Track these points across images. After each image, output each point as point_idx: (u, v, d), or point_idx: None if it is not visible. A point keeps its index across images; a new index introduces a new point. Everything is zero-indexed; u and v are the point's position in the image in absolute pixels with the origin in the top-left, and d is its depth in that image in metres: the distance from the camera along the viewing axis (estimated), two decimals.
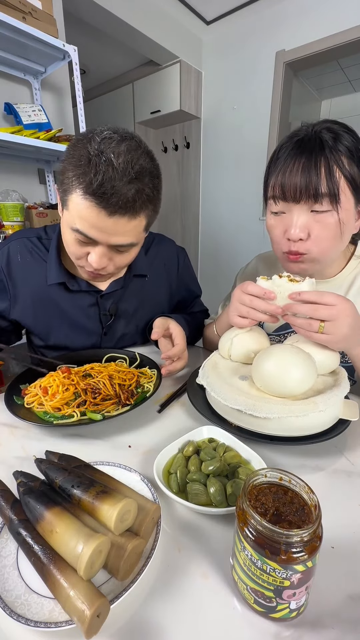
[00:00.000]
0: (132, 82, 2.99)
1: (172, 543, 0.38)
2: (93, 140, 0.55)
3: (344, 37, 2.08)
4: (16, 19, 1.36)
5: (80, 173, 0.55)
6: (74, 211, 0.58)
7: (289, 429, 0.50)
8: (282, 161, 0.59)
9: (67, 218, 0.61)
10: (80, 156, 0.55)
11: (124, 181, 0.55)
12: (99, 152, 0.54)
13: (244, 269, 0.93)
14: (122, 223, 0.58)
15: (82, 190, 0.55)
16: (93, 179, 0.54)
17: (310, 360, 0.52)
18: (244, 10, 2.43)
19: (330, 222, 0.58)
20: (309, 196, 0.56)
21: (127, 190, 0.55)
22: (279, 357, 0.52)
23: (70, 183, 0.56)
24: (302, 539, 0.27)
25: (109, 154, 0.54)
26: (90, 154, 0.54)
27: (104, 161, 0.54)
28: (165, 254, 0.92)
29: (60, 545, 0.31)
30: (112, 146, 0.55)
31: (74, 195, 0.57)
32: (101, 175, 0.53)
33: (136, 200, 0.57)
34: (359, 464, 0.49)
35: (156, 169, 0.62)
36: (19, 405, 0.60)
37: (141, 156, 0.57)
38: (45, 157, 1.84)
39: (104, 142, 0.55)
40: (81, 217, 0.58)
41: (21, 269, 0.76)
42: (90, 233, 0.59)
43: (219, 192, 2.98)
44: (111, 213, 0.56)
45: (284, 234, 0.62)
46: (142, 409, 0.61)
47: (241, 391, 0.54)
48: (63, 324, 0.80)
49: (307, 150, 0.56)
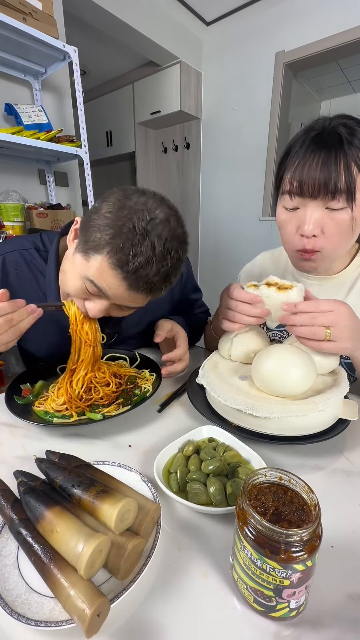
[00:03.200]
0: (132, 82, 2.99)
1: (172, 542, 0.38)
2: (143, 214, 0.52)
3: (343, 38, 2.09)
4: (16, 20, 1.36)
5: (117, 243, 0.52)
6: (96, 269, 0.55)
7: (288, 429, 0.50)
8: (300, 155, 0.57)
9: (82, 266, 0.57)
10: (122, 225, 0.52)
11: (159, 271, 0.54)
12: (144, 232, 0.51)
13: (250, 265, 0.92)
14: (141, 298, 0.58)
15: (113, 263, 0.52)
16: (130, 261, 0.51)
17: (310, 360, 0.52)
18: (244, 10, 2.44)
19: (345, 219, 0.57)
20: (327, 192, 0.55)
21: (159, 279, 0.55)
22: (278, 357, 0.53)
23: (102, 245, 0.53)
24: (301, 539, 0.27)
25: (153, 237, 0.52)
26: (135, 230, 0.51)
27: (147, 244, 0.52)
28: None
29: (60, 544, 0.31)
30: (158, 228, 0.53)
31: (101, 257, 0.53)
32: (141, 259, 0.51)
33: (162, 288, 0.57)
34: (358, 463, 0.49)
35: (186, 251, 0.59)
36: (19, 405, 0.60)
37: (180, 242, 0.56)
38: (45, 157, 1.84)
39: (151, 223, 0.52)
40: (102, 277, 0.55)
41: (18, 283, 0.73)
42: (106, 293, 0.56)
43: (219, 193, 2.98)
44: (135, 290, 0.55)
45: (297, 230, 0.61)
46: (142, 409, 0.61)
47: (241, 391, 0.54)
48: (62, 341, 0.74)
49: (326, 145, 0.55)
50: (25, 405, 0.61)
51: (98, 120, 3.42)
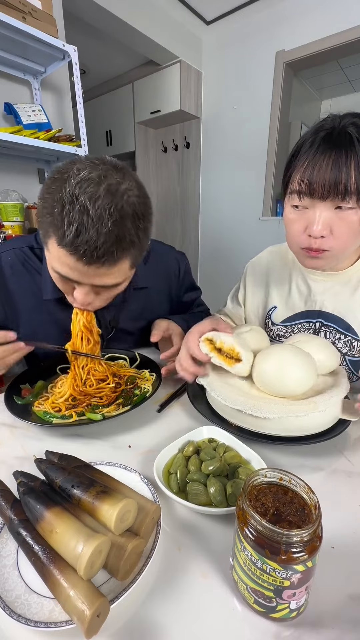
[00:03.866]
0: (132, 82, 2.98)
1: (172, 543, 0.38)
2: (69, 181, 0.49)
3: (344, 37, 2.08)
4: (16, 19, 1.36)
5: (53, 222, 0.50)
6: (53, 255, 0.54)
7: (289, 429, 0.50)
8: (310, 156, 0.57)
9: (48, 259, 0.58)
10: (54, 200, 0.49)
11: (100, 231, 0.49)
12: (73, 199, 0.48)
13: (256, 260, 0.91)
14: (102, 270, 0.54)
15: (57, 242, 0.51)
16: (66, 231, 0.48)
17: (310, 360, 0.52)
18: (244, 10, 2.43)
19: (354, 220, 0.57)
20: (337, 193, 0.55)
21: (103, 240, 0.50)
22: (278, 357, 0.52)
23: (46, 229, 0.52)
24: (302, 539, 0.27)
25: (84, 200, 0.48)
26: (64, 200, 0.48)
27: (77, 209, 0.48)
28: (166, 262, 0.91)
29: (60, 545, 0.31)
30: (88, 190, 0.48)
31: (50, 241, 0.53)
32: (75, 226, 0.48)
33: (114, 250, 0.52)
34: (359, 464, 0.49)
35: (142, 207, 0.55)
36: (18, 405, 0.60)
37: (123, 196, 0.51)
38: (45, 157, 1.84)
39: (79, 185, 0.48)
40: (60, 262, 0.54)
41: (14, 282, 0.73)
42: (70, 276, 0.55)
43: (219, 192, 2.97)
44: (89, 263, 0.52)
45: (305, 230, 0.61)
46: (142, 409, 0.61)
47: (241, 391, 0.54)
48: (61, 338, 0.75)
49: (336, 146, 0.54)
50: (25, 406, 0.61)
51: (98, 119, 3.41)
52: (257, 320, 0.87)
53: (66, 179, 0.49)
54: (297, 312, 0.77)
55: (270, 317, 0.82)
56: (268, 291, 0.84)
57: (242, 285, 0.91)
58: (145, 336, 0.87)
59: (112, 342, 0.84)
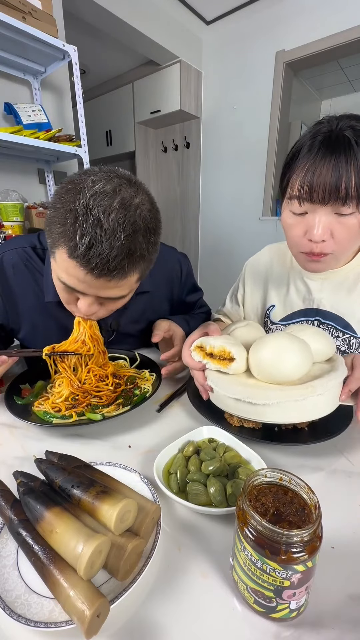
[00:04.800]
0: (132, 82, 2.98)
1: (172, 543, 0.38)
2: (83, 193, 0.49)
3: (344, 37, 2.08)
4: (16, 19, 1.35)
5: (65, 232, 0.49)
6: (60, 265, 0.54)
7: (288, 415, 0.49)
8: (309, 160, 0.56)
9: (54, 268, 0.57)
10: (67, 211, 0.49)
11: (113, 245, 0.49)
12: (86, 211, 0.48)
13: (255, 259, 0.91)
14: (111, 283, 0.54)
15: (67, 253, 0.50)
16: (78, 244, 0.48)
17: (305, 345, 0.52)
18: (244, 10, 2.43)
19: (354, 224, 0.57)
20: (337, 198, 0.55)
21: (115, 254, 0.50)
22: (274, 343, 0.52)
23: (56, 239, 0.51)
24: (302, 539, 0.27)
25: (97, 213, 0.48)
26: (77, 211, 0.48)
27: (91, 222, 0.48)
28: (168, 264, 0.90)
29: (60, 545, 0.31)
30: (103, 203, 0.48)
31: (59, 252, 0.52)
32: (87, 239, 0.48)
33: (125, 264, 0.52)
34: (359, 464, 0.49)
35: (153, 222, 0.55)
36: (18, 405, 0.60)
37: (136, 210, 0.51)
38: (45, 157, 1.84)
39: (94, 197, 0.48)
40: (67, 273, 0.53)
41: (16, 282, 0.73)
42: (77, 287, 0.55)
43: (219, 192, 2.97)
44: (99, 276, 0.52)
45: (305, 234, 0.61)
46: (142, 409, 0.61)
47: (238, 381, 0.54)
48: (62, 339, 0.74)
49: (335, 150, 0.54)
50: (25, 406, 0.61)
51: (98, 119, 3.41)
52: (256, 319, 0.87)
53: (80, 190, 0.49)
54: (296, 311, 0.77)
55: (269, 316, 0.82)
56: (267, 290, 0.84)
57: (241, 285, 0.91)
58: (145, 337, 0.86)
59: (113, 344, 0.84)
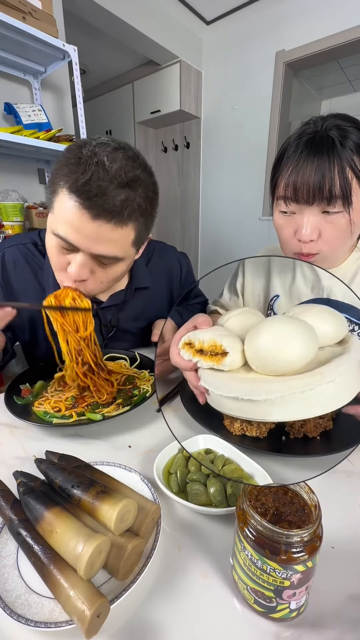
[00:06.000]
0: (132, 82, 2.98)
1: (172, 543, 0.37)
2: (89, 144, 0.53)
3: (344, 37, 2.08)
4: (16, 19, 1.35)
5: (68, 171, 0.52)
6: (58, 213, 0.55)
7: (296, 410, 0.40)
8: (293, 161, 0.57)
9: (51, 223, 0.58)
10: (71, 157, 0.53)
11: (113, 184, 0.51)
12: (92, 154, 0.52)
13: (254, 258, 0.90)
14: (106, 229, 0.54)
15: (68, 189, 0.52)
16: (80, 177, 0.50)
17: (307, 326, 0.44)
18: (244, 10, 2.43)
19: (342, 223, 0.57)
20: (322, 198, 0.55)
21: (115, 194, 0.51)
22: (269, 328, 0.44)
23: (58, 182, 0.54)
24: (302, 539, 0.27)
25: (102, 157, 0.51)
26: (82, 154, 0.52)
27: (95, 162, 0.51)
28: (168, 262, 0.91)
29: (60, 545, 0.31)
30: (107, 150, 0.52)
31: (59, 196, 0.54)
32: (89, 174, 0.50)
33: (124, 207, 0.53)
34: (359, 464, 0.49)
35: (153, 185, 0.58)
36: (18, 405, 0.60)
37: (138, 168, 0.55)
38: (45, 157, 1.83)
39: (99, 146, 0.53)
40: (64, 219, 0.54)
41: (17, 277, 0.74)
42: (71, 238, 0.55)
43: (219, 192, 2.97)
44: (95, 215, 0.52)
45: (294, 235, 0.61)
46: (142, 409, 0.61)
47: (235, 377, 0.46)
48: None
49: (319, 150, 0.54)
50: (25, 406, 0.61)
51: (98, 119, 3.41)
52: None
53: (87, 142, 0.54)
54: (304, 302, 0.74)
55: (273, 308, 0.80)
56: (269, 278, 0.82)
57: (241, 273, 0.89)
58: (145, 336, 0.87)
59: (113, 342, 0.84)
